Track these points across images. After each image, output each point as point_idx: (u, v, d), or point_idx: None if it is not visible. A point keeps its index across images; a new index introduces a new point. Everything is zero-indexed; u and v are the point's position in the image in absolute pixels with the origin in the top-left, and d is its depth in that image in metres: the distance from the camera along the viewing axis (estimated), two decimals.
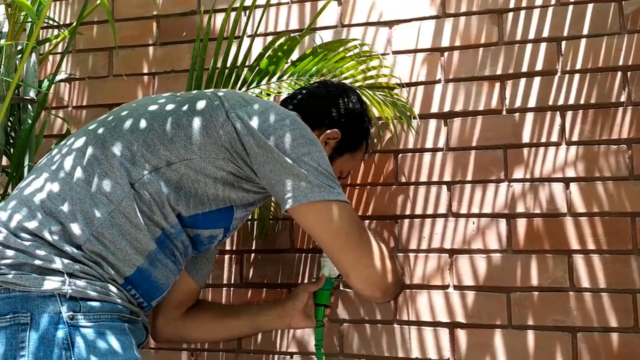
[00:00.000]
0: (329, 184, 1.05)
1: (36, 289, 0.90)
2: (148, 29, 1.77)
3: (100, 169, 1.01)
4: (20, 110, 1.45)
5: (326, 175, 1.05)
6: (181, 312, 1.32)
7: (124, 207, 1.00)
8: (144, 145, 1.03)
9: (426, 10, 1.57)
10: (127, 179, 1.01)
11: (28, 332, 0.88)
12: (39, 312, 0.90)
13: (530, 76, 1.49)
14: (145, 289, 1.06)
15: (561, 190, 1.43)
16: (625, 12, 1.45)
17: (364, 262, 1.09)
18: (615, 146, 1.42)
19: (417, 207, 1.51)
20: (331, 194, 1.04)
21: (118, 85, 1.74)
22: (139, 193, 1.01)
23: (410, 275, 1.49)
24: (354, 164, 1.38)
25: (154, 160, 1.03)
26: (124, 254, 1.00)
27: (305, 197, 1.02)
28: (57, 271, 0.93)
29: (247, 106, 1.08)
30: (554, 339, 1.39)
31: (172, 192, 1.03)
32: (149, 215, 1.02)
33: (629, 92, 1.43)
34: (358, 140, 1.33)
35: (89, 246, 0.97)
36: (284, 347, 1.54)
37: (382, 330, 1.49)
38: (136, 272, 1.02)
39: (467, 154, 1.50)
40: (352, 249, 1.08)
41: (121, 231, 0.99)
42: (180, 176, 1.03)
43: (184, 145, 1.04)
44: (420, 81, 1.55)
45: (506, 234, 1.45)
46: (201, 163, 1.04)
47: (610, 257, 1.38)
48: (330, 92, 1.31)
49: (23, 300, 0.90)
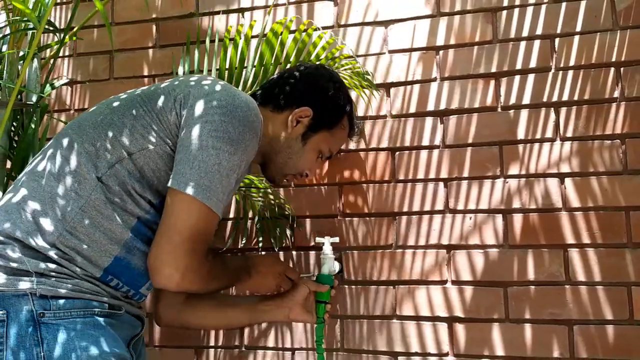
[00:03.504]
0: (210, 186, 1.04)
1: (9, 289, 0.97)
2: (147, 31, 1.79)
3: (68, 168, 1.06)
4: (23, 115, 1.47)
5: (216, 177, 1.04)
6: (181, 298, 1.34)
7: (93, 200, 1.04)
8: (106, 139, 1.08)
9: (421, 10, 1.59)
10: (93, 173, 1.05)
11: (5, 328, 0.95)
12: (14, 310, 0.96)
13: (525, 73, 1.50)
14: (128, 278, 1.09)
15: (556, 186, 1.45)
16: (618, 8, 1.47)
17: (172, 258, 1.05)
18: (609, 141, 1.44)
19: (414, 203, 1.53)
20: (205, 196, 1.03)
21: (119, 88, 1.76)
22: (107, 185, 1.05)
23: (409, 271, 1.51)
24: (335, 142, 1.35)
25: (115, 152, 1.07)
26: (99, 245, 1.04)
27: (185, 186, 1.03)
28: (28, 272, 0.98)
29: (195, 88, 1.11)
30: (551, 332, 1.41)
31: (136, 182, 1.07)
32: (121, 205, 1.06)
33: (622, 87, 1.44)
34: (334, 117, 1.30)
35: (63, 241, 1.02)
36: (286, 343, 1.57)
37: (381, 326, 1.51)
38: (114, 262, 1.06)
39: (463, 151, 1.52)
40: (176, 245, 1.04)
41: (94, 223, 1.03)
42: (141, 166, 1.07)
43: (141, 134, 1.08)
44: (416, 80, 1.57)
45: (502, 229, 1.47)
46: (158, 151, 1.08)
47: (605, 251, 1.40)
48: (302, 72, 1.31)
49: (0, 299, 0.96)
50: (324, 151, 1.31)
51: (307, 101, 1.26)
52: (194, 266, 1.06)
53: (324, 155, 1.33)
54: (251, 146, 1.11)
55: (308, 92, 1.27)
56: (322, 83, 1.30)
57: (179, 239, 1.03)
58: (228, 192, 1.08)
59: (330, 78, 1.32)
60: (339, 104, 1.31)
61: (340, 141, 1.37)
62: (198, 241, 1.06)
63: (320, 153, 1.31)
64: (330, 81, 1.31)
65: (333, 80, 1.32)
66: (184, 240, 1.03)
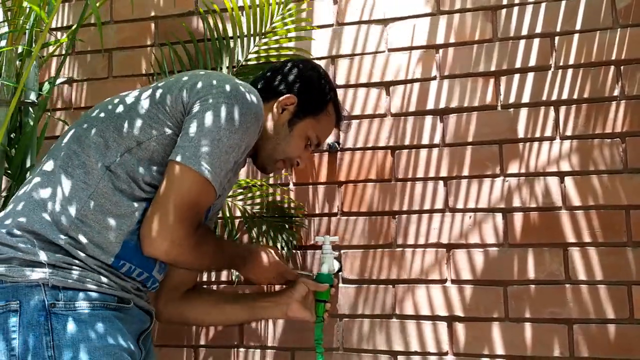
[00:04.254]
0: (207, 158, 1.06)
1: (23, 279, 0.99)
2: (146, 30, 1.79)
3: (78, 161, 1.09)
4: (21, 113, 1.47)
5: (215, 152, 1.07)
6: (180, 293, 1.36)
7: (101, 188, 1.07)
8: (115, 131, 1.11)
9: (421, 8, 1.59)
10: (102, 163, 1.08)
11: (18, 318, 0.97)
12: (27, 300, 0.98)
13: (525, 72, 1.50)
14: (139, 260, 1.10)
15: (556, 184, 1.45)
16: (618, 6, 1.46)
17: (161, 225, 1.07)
18: (609, 140, 1.43)
19: (414, 202, 1.53)
20: (200, 167, 1.06)
21: (118, 86, 1.76)
22: (115, 173, 1.08)
23: (409, 270, 1.51)
24: (322, 129, 1.36)
25: (124, 142, 1.10)
26: (109, 231, 1.06)
27: (182, 157, 1.06)
28: (41, 263, 1.01)
29: (202, 77, 1.15)
30: (551, 331, 1.41)
31: (146, 169, 1.09)
32: (129, 192, 1.08)
33: (622, 86, 1.44)
34: (318, 104, 1.33)
35: (74, 229, 1.04)
36: (285, 342, 1.56)
37: (381, 325, 1.51)
38: (123, 245, 1.07)
39: (463, 149, 1.52)
40: (166, 212, 1.06)
41: (103, 210, 1.06)
42: (151, 153, 1.10)
43: (149, 124, 1.11)
44: (416, 78, 1.57)
45: (502, 228, 1.47)
46: (166, 138, 1.11)
47: (606, 250, 1.40)
48: (286, 64, 1.36)
49: (13, 290, 0.99)
50: (312, 137, 1.33)
51: (291, 90, 1.30)
52: (182, 234, 1.07)
53: (312, 142, 1.34)
54: (252, 129, 1.14)
55: (292, 82, 1.31)
56: (305, 72, 1.34)
57: (169, 207, 1.06)
58: (226, 171, 1.11)
59: (313, 68, 1.36)
60: (323, 90, 1.34)
61: (327, 128, 1.38)
62: (189, 210, 1.07)
63: (308, 139, 1.33)
64: (312, 70, 1.35)
65: (316, 71, 1.36)
66: (174, 207, 1.06)
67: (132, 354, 1.04)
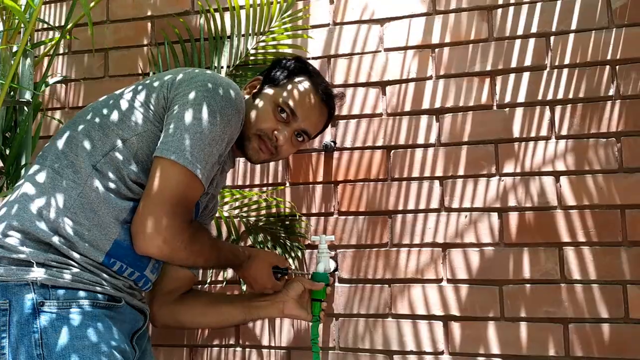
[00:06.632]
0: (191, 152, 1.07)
1: (12, 278, 0.99)
2: (143, 29, 1.79)
3: (66, 160, 1.10)
4: (16, 112, 1.47)
5: (198, 144, 1.08)
6: (174, 297, 1.36)
7: (89, 186, 1.08)
8: (100, 130, 1.12)
9: (417, 8, 1.59)
10: (89, 162, 1.09)
11: (8, 316, 0.98)
12: (16, 299, 0.98)
13: (520, 71, 1.50)
14: (131, 259, 1.11)
15: (551, 184, 1.45)
16: (613, 6, 1.47)
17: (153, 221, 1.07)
18: (604, 139, 1.43)
19: (410, 202, 1.53)
20: (186, 161, 1.07)
21: (114, 85, 1.75)
22: (101, 172, 1.09)
23: (404, 269, 1.51)
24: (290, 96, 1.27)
25: (109, 140, 1.11)
26: (99, 229, 1.07)
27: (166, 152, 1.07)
28: (30, 262, 1.01)
29: (182, 73, 1.17)
30: (546, 330, 1.41)
31: (131, 167, 1.10)
32: (117, 190, 1.09)
33: (617, 85, 1.44)
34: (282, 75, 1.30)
35: (64, 227, 1.04)
36: (281, 342, 1.56)
37: (377, 324, 1.51)
38: (114, 244, 1.08)
39: (458, 149, 1.52)
40: (156, 207, 1.06)
41: (92, 208, 1.07)
42: (135, 150, 1.11)
43: (133, 121, 1.13)
44: (412, 78, 1.57)
45: (498, 227, 1.47)
46: (150, 135, 1.12)
47: (601, 249, 1.40)
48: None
49: (3, 289, 0.99)
50: (279, 102, 1.26)
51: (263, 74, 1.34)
52: (175, 229, 1.07)
53: (283, 108, 1.26)
54: (233, 121, 1.15)
55: (267, 69, 1.34)
56: (279, 59, 1.36)
57: (159, 202, 1.06)
58: (211, 164, 1.11)
59: (293, 58, 1.36)
60: (289, 68, 1.32)
61: (298, 95, 1.28)
62: (179, 204, 1.08)
63: (276, 105, 1.27)
64: (289, 58, 1.36)
65: (294, 58, 1.36)
66: (164, 202, 1.06)
67: (124, 352, 1.04)
